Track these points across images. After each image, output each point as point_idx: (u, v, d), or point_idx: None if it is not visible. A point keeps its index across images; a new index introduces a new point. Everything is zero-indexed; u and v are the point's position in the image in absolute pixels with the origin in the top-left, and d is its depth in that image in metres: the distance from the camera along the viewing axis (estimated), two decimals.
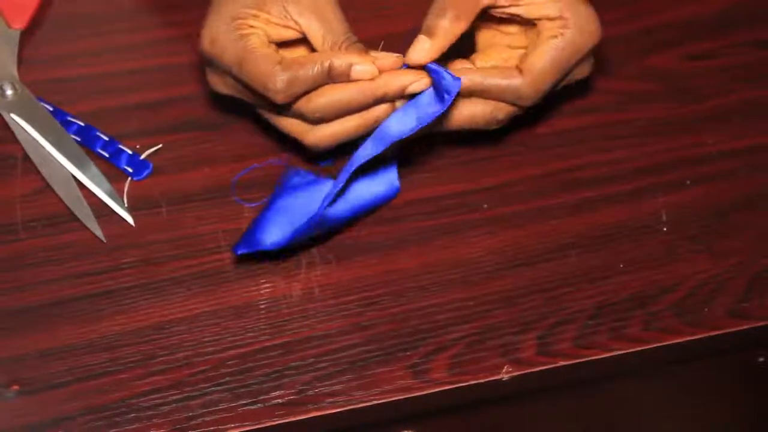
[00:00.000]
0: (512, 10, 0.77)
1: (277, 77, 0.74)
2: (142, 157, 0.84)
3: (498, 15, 0.78)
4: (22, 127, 0.84)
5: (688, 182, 0.87)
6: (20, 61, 0.87)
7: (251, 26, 0.76)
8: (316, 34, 0.76)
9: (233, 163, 0.85)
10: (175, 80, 0.88)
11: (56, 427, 0.73)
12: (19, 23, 0.89)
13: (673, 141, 0.89)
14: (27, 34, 0.89)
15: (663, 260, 0.83)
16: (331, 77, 0.74)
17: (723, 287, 0.82)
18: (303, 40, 0.78)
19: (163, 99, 0.88)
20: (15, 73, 0.87)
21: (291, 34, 0.77)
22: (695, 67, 0.93)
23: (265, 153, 0.85)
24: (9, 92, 0.85)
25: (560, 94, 0.82)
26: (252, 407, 0.75)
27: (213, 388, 0.75)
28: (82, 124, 0.85)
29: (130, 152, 0.84)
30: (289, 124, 0.78)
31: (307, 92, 0.75)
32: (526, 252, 0.83)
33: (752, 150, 0.89)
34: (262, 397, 0.75)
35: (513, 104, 0.78)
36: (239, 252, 0.77)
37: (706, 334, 0.80)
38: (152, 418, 0.74)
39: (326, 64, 0.74)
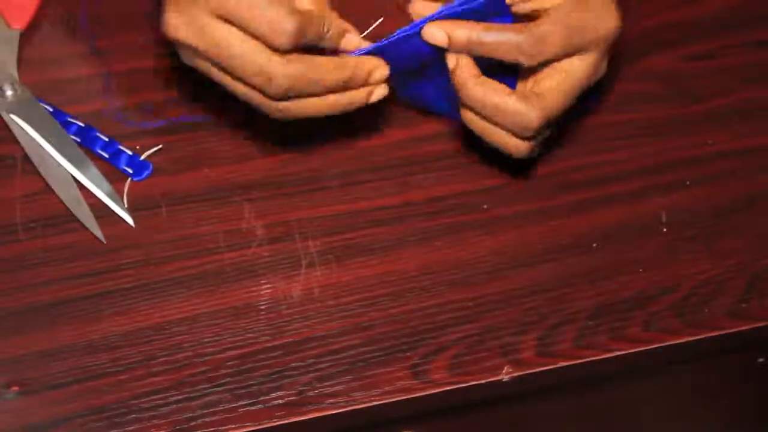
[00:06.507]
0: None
1: (287, 22, 0.72)
2: (142, 157, 0.84)
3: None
4: (22, 128, 0.84)
5: (688, 182, 0.87)
6: (20, 62, 0.87)
7: None
8: None
9: (233, 163, 0.85)
10: (174, 80, 0.88)
11: (56, 428, 0.73)
12: (19, 23, 0.89)
13: (673, 141, 0.89)
14: (27, 34, 0.89)
15: (663, 260, 0.83)
16: (323, 38, 0.75)
17: (723, 287, 0.82)
18: None
19: (163, 99, 0.88)
20: (15, 73, 0.86)
21: None
22: (695, 68, 0.93)
23: (266, 153, 0.85)
24: (9, 93, 0.85)
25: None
26: (252, 408, 0.75)
27: (213, 389, 0.75)
28: (82, 124, 0.85)
29: (129, 153, 0.84)
30: (250, 90, 0.75)
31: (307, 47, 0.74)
32: (526, 252, 0.83)
33: (752, 150, 0.89)
34: (262, 398, 0.75)
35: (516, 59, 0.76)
36: None
37: (706, 335, 0.80)
38: (152, 419, 0.74)
39: (328, 23, 0.75)
